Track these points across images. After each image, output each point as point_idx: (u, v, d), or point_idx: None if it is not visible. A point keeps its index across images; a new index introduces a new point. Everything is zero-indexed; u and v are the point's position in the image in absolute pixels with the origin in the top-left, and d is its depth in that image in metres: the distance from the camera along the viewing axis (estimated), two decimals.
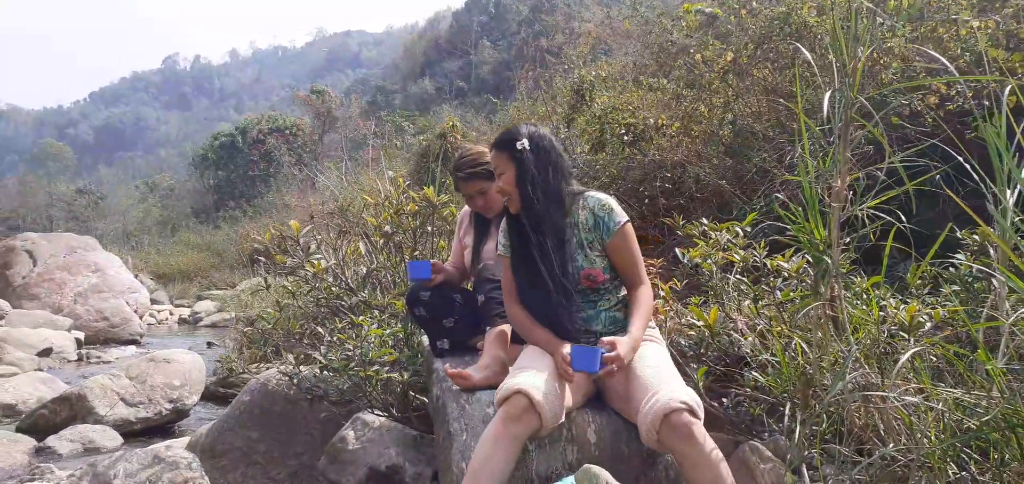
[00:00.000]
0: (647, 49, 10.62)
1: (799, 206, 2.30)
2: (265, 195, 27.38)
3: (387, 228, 4.10)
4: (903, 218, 2.12)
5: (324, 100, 34.82)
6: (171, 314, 17.36)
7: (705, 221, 3.85)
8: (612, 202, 2.61)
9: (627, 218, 2.61)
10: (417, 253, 4.19)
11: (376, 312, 4.01)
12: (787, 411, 2.42)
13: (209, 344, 11.94)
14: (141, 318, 14.91)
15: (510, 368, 2.68)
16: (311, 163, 28.30)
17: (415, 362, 3.13)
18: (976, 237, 3.60)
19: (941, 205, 3.49)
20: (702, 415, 2.18)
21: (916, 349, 1.92)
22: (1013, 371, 1.96)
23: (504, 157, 2.60)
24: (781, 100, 8.36)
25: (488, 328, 2.79)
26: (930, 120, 6.51)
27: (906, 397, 1.96)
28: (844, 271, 2.22)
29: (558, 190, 2.60)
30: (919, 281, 3.29)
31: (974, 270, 3.54)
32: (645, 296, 2.54)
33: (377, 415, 3.22)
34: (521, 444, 2.24)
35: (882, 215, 2.14)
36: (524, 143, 2.59)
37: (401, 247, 4.35)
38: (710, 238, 3.41)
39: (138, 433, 6.78)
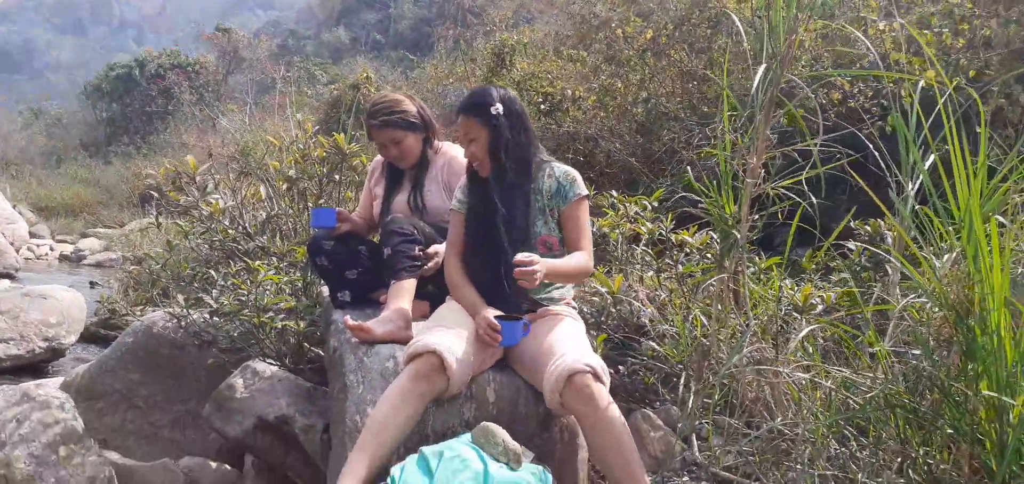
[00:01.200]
0: (570, 19, 10.62)
1: (712, 183, 2.33)
2: (162, 133, 26.18)
3: (291, 173, 3.94)
4: (812, 199, 2.17)
5: (230, 39, 33.46)
6: (52, 250, 16.36)
7: (615, 193, 3.88)
8: (576, 175, 2.59)
9: (587, 194, 2.59)
10: (322, 201, 4.05)
11: (274, 259, 3.86)
12: (681, 382, 2.45)
13: (92, 284, 11.33)
14: (18, 251, 14.00)
15: (416, 325, 2.62)
16: (213, 104, 27.24)
17: (312, 312, 3.01)
18: (868, 227, 3.77)
19: (845, 195, 3.63)
20: (607, 381, 2.18)
21: (812, 327, 1.97)
22: (897, 353, 2.04)
23: (475, 122, 2.50)
24: (694, 82, 8.55)
25: (393, 282, 2.70)
26: (833, 115, 6.79)
27: (796, 373, 2.01)
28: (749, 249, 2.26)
29: (528, 156, 2.55)
30: (813, 266, 3.41)
31: (863, 259, 3.71)
32: (581, 259, 2.49)
33: (269, 364, 3.10)
34: (425, 403, 2.18)
35: (791, 195, 2.18)
36: (498, 107, 2.50)
37: (305, 195, 4.19)
38: (619, 210, 3.43)
39: (7, 371, 6.37)
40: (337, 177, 3.95)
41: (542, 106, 9.36)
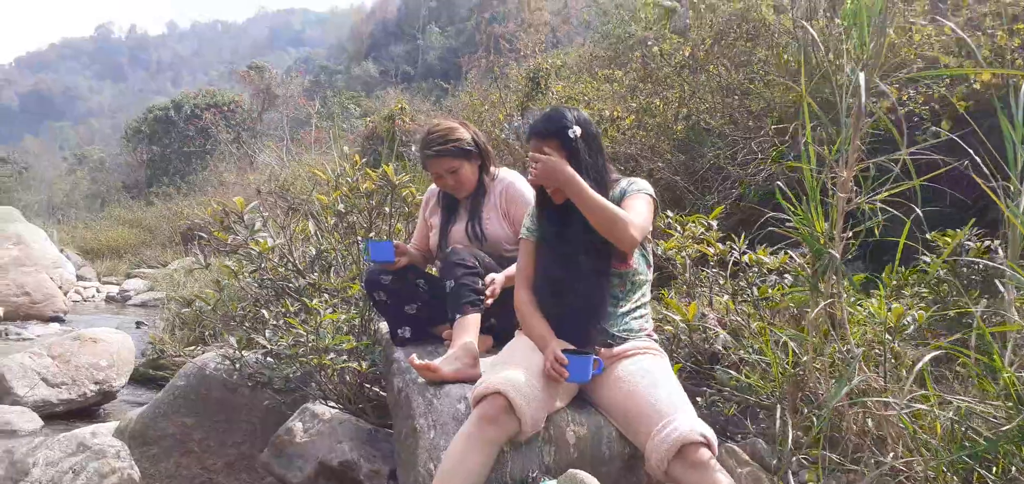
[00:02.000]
0: (604, 39, 10.52)
1: (798, 199, 2.16)
2: (200, 172, 26.61)
3: (340, 207, 3.84)
4: (917, 212, 1.99)
5: (264, 77, 34.00)
6: (98, 291, 16.60)
7: (670, 214, 3.72)
8: (643, 182, 2.45)
9: (651, 194, 2.44)
10: (372, 235, 3.95)
11: (327, 296, 3.76)
12: (777, 415, 2.28)
13: (138, 324, 11.41)
14: (66, 294, 14.20)
15: (483, 361, 2.48)
16: (250, 141, 27.64)
17: (372, 351, 2.89)
18: (948, 239, 3.56)
19: (945, 202, 3.43)
20: (716, 448, 2.03)
21: (934, 353, 1.79)
22: None
23: (554, 144, 2.35)
24: (736, 96, 8.36)
25: (458, 316, 2.57)
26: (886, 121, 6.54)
27: (915, 404, 1.83)
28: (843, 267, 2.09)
29: (605, 179, 2.41)
30: (894, 281, 3.21)
31: (941, 273, 3.49)
32: (622, 212, 2.29)
33: (328, 406, 2.98)
34: (498, 448, 2.04)
35: (890, 209, 2.01)
36: (576, 130, 2.36)
37: (354, 228, 4.09)
38: (685, 229, 3.27)
39: (60, 416, 6.36)
40: (386, 209, 3.84)
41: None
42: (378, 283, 2.88)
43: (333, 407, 2.99)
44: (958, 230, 3.61)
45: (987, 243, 3.38)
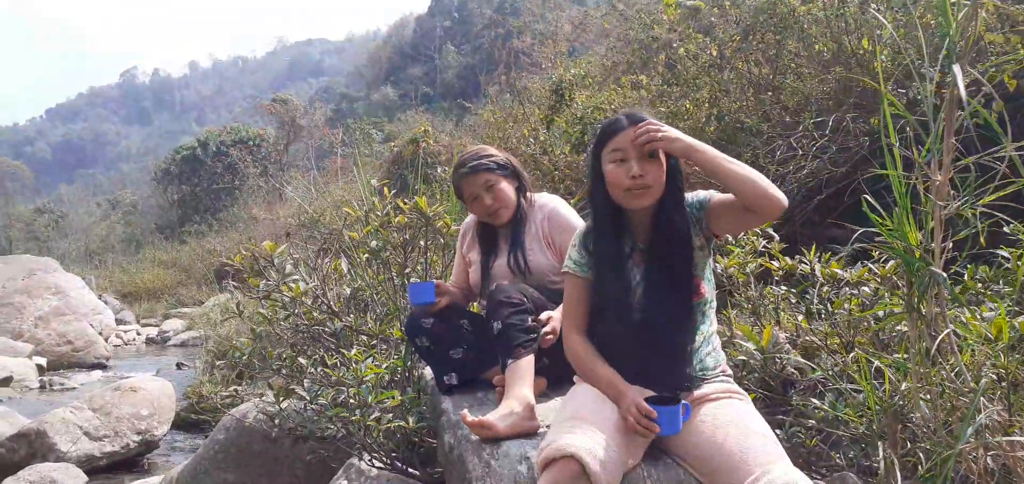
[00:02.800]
0: (627, 46, 10.28)
1: (888, 208, 1.92)
2: (230, 208, 26.85)
3: (373, 243, 3.65)
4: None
5: (288, 109, 34.27)
6: (138, 334, 16.75)
7: None
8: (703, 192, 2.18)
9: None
10: (408, 272, 3.75)
11: (365, 338, 3.57)
12: (880, 452, 2.03)
13: (178, 365, 11.42)
14: (107, 340, 14.31)
15: (540, 409, 2.26)
16: (277, 174, 27.84)
17: (418, 403, 2.69)
18: None
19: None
20: None
21: None
22: None
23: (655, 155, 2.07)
24: (770, 92, 8.09)
25: (510, 362, 2.36)
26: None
27: None
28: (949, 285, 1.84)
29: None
30: (979, 284, 2.94)
31: None
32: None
33: (373, 464, 2.78)
34: None
35: (996, 213, 1.76)
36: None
37: (389, 264, 3.90)
38: (745, 244, 3.03)
39: (104, 469, 6.33)
40: (421, 242, 3.65)
41: None
42: (420, 328, 2.69)
43: (379, 466, 2.79)
44: None
45: None
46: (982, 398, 1.79)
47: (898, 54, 6.37)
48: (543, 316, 2.54)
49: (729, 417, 1.99)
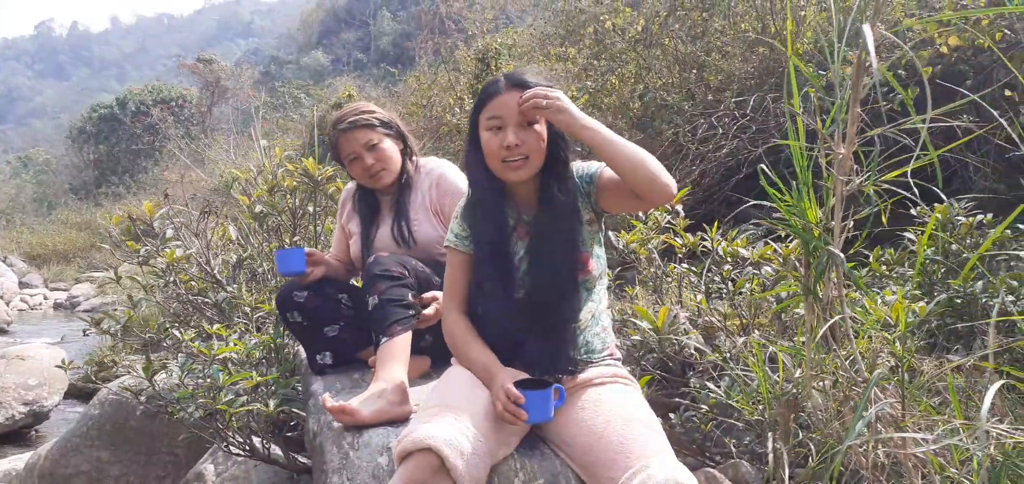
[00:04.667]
0: (555, 16, 10.08)
1: (785, 181, 1.77)
2: (150, 170, 25.82)
3: (258, 208, 3.37)
4: (938, 194, 1.62)
5: (212, 69, 33.09)
6: (45, 298, 15.92)
7: None
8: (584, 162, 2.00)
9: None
10: (298, 239, 3.48)
11: (247, 312, 3.29)
12: (769, 440, 1.89)
13: (86, 332, 10.76)
14: (8, 304, 13.49)
15: (415, 393, 2.05)
16: (200, 136, 26.90)
17: (286, 384, 2.44)
18: (939, 215, 3.22)
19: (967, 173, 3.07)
20: None
21: (1000, 383, 1.41)
22: None
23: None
24: (695, 70, 8.03)
25: (384, 340, 2.14)
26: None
27: (946, 441, 1.46)
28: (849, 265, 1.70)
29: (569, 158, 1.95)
30: (882, 268, 2.87)
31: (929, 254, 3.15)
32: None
33: (229, 450, 2.52)
34: None
35: (901, 191, 1.62)
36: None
37: (279, 231, 3.62)
38: (648, 219, 2.87)
39: None
40: (310, 208, 3.38)
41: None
42: (291, 302, 2.43)
43: (238, 454, 2.53)
44: (949, 203, 3.29)
45: (980, 218, 3.05)
46: (876, 389, 1.66)
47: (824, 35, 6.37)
48: (426, 296, 2.32)
49: (612, 404, 1.82)
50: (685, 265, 2.82)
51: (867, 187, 1.62)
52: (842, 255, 1.62)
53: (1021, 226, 2.78)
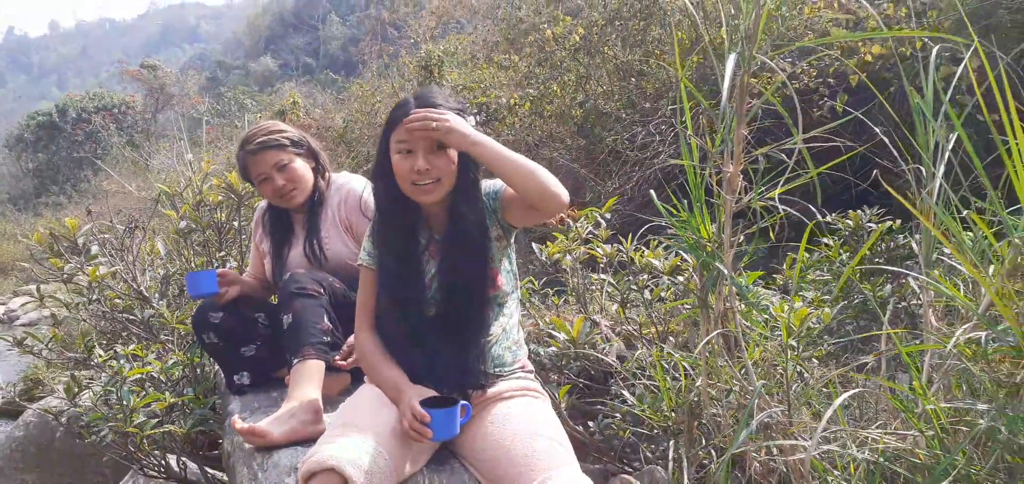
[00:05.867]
0: (496, 25, 10.13)
1: (679, 199, 1.84)
2: (93, 179, 25.18)
3: (182, 224, 3.34)
4: (813, 211, 1.70)
5: (156, 75, 32.40)
6: None
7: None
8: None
9: None
10: (224, 255, 3.46)
11: (174, 329, 3.26)
12: (670, 448, 1.95)
13: (20, 344, 10.40)
14: None
15: (327, 419, 2.06)
16: (144, 144, 26.30)
17: (202, 403, 2.42)
18: (849, 221, 3.35)
19: (849, 189, 3.19)
20: None
21: (850, 393, 1.49)
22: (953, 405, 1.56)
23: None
24: (633, 78, 8.15)
25: (296, 361, 2.14)
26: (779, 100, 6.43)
27: (825, 447, 1.53)
28: (740, 279, 1.77)
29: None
30: (791, 272, 2.96)
31: (843, 259, 3.28)
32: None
33: (146, 475, 2.50)
34: None
35: (786, 208, 1.70)
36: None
37: (207, 246, 3.59)
38: (570, 231, 2.93)
39: None
40: (235, 223, 3.36)
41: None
42: (207, 322, 2.41)
43: (153, 475, 2.50)
44: (861, 211, 3.41)
45: (890, 224, 3.18)
46: (768, 396, 1.74)
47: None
48: (345, 347, 2.34)
49: (519, 418, 1.85)
50: (605, 275, 2.88)
51: (753, 203, 1.69)
52: (728, 269, 1.68)
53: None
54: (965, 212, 1.54)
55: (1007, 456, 1.42)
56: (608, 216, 3.18)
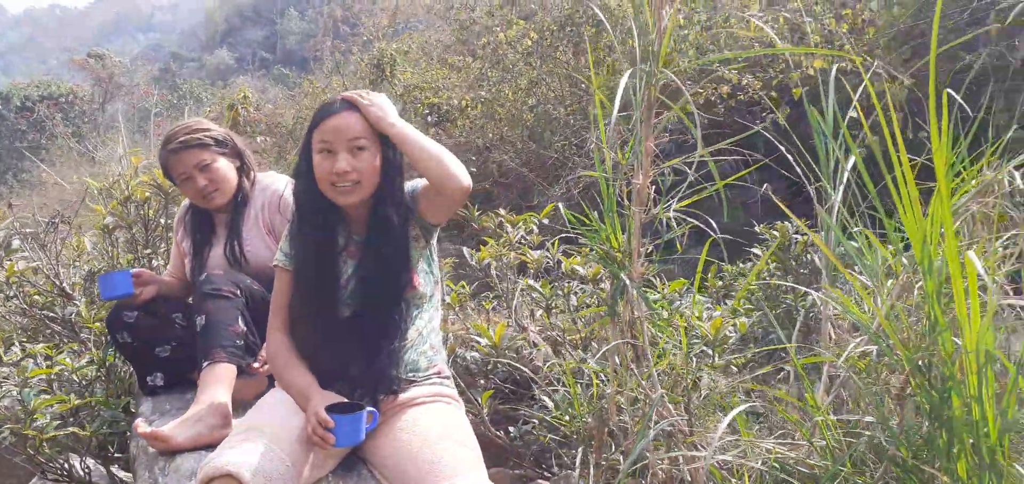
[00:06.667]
0: (449, 26, 10.11)
1: (591, 210, 1.85)
2: (36, 170, 24.45)
3: (107, 220, 3.26)
4: (712, 223, 1.73)
5: (105, 65, 31.62)
6: None
7: (502, 212, 3.39)
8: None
9: None
10: (150, 252, 3.38)
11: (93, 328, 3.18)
12: (578, 454, 1.97)
13: None
14: None
15: (235, 424, 2.02)
16: (92, 135, 25.64)
17: (113, 406, 2.36)
18: (776, 232, 3.41)
19: (754, 200, 3.25)
20: None
21: (740, 409, 1.52)
22: (845, 414, 1.60)
23: (368, 127, 1.87)
24: (584, 85, 8.21)
25: (206, 364, 2.10)
26: (723, 110, 6.56)
27: (720, 456, 1.55)
28: (647, 287, 1.79)
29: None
30: (718, 283, 3.01)
31: (771, 270, 3.34)
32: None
33: (46, 477, 2.43)
34: None
35: (690, 219, 1.72)
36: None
37: (135, 243, 3.51)
38: (501, 237, 2.93)
39: None
40: (162, 221, 3.30)
41: (429, 117, 8.82)
42: (121, 322, 2.35)
43: (54, 479, 2.44)
44: (788, 223, 3.48)
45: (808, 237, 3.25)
46: (671, 406, 1.76)
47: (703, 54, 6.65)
48: (261, 351, 2.31)
49: (429, 424, 1.85)
50: (533, 283, 2.89)
51: (660, 214, 1.71)
52: (633, 279, 1.70)
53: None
54: (861, 228, 1.58)
55: (892, 468, 1.46)
56: (546, 221, 3.20)
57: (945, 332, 1.28)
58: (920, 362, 1.34)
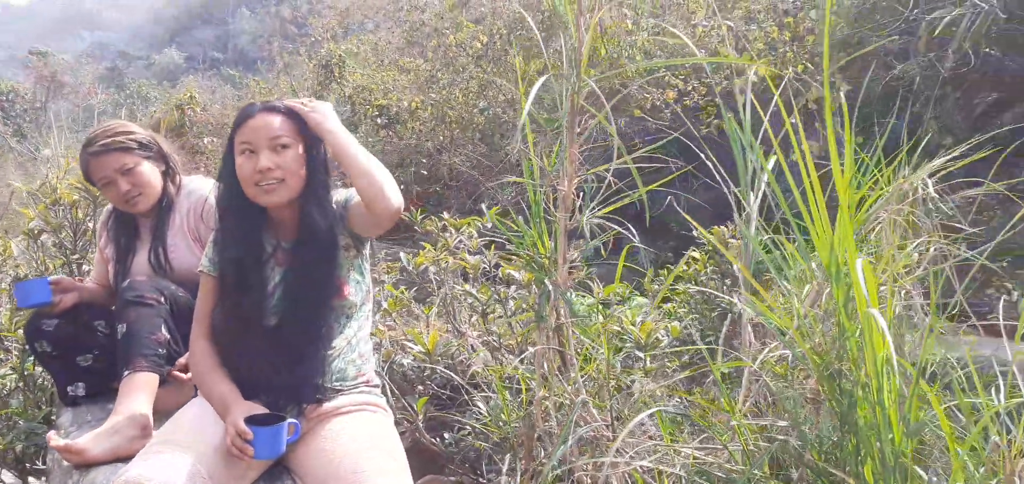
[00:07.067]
0: (399, 27, 10.05)
1: (517, 217, 1.85)
2: None
3: (32, 224, 3.16)
4: (632, 231, 1.74)
5: (47, 63, 30.75)
6: None
7: (446, 216, 3.38)
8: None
9: None
10: (78, 259, 3.29)
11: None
12: (506, 461, 1.97)
13: None
14: None
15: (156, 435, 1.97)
16: (33, 135, 24.86)
17: (31, 416, 2.28)
18: (712, 237, 3.46)
19: (682, 202, 3.29)
20: None
21: (650, 411, 1.53)
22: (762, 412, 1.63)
23: (291, 126, 1.85)
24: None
25: (126, 373, 2.05)
26: (668, 116, 6.65)
27: (638, 462, 1.56)
28: (573, 291, 1.80)
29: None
30: (655, 286, 3.04)
31: (709, 272, 3.40)
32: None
33: None
34: None
35: (613, 226, 1.74)
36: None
37: (65, 248, 3.41)
38: (439, 242, 2.92)
39: None
40: (92, 224, 3.21)
41: (379, 119, 8.76)
42: (39, 331, 2.28)
43: None
44: (725, 225, 3.54)
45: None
46: (595, 410, 1.77)
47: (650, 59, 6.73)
48: (183, 359, 2.26)
49: (353, 434, 1.82)
50: (469, 289, 2.88)
51: (582, 223, 1.72)
52: (560, 286, 1.71)
53: None
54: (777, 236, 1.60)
55: (808, 471, 1.48)
56: (490, 225, 3.19)
57: (851, 339, 1.31)
58: (829, 369, 1.37)
